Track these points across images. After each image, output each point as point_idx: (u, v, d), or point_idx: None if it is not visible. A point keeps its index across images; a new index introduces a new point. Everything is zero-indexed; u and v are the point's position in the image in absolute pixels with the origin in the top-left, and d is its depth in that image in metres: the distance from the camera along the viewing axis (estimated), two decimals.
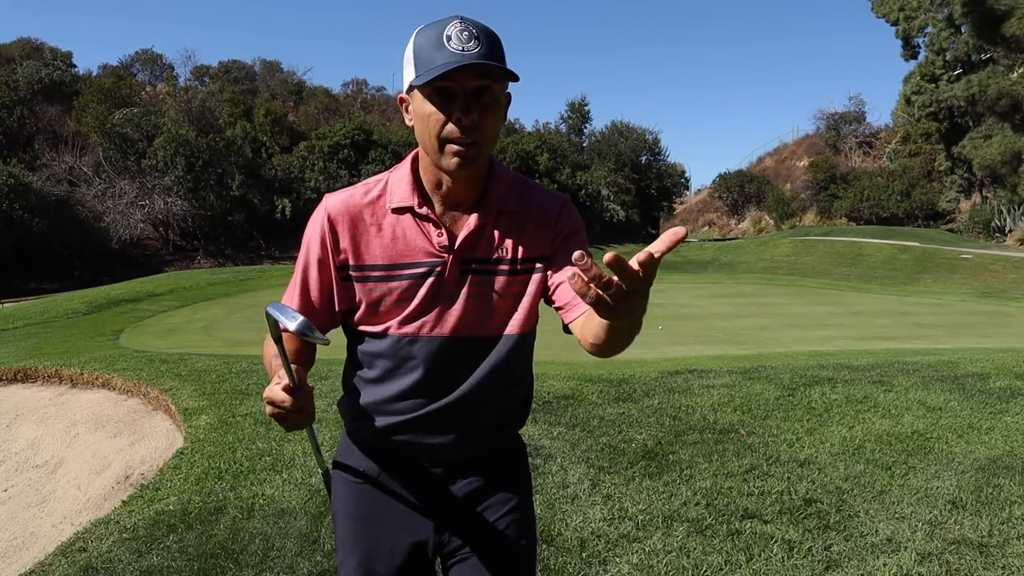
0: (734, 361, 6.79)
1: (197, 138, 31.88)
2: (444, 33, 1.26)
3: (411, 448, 1.46)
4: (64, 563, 3.06)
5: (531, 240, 1.43)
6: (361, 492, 1.50)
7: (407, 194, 1.40)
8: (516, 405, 1.52)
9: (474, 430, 1.45)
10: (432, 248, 1.38)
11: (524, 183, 1.48)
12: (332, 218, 1.41)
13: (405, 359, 1.41)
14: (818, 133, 46.42)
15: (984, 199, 35.48)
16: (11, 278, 25.77)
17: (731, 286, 18.29)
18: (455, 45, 1.25)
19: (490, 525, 1.49)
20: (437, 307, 1.39)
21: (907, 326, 11.02)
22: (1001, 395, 5.29)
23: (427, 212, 1.39)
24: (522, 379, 1.51)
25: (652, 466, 3.87)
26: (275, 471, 3.90)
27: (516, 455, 1.57)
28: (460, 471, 1.48)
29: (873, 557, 2.93)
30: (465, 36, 1.26)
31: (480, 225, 1.39)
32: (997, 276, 20.82)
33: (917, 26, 36.46)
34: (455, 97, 1.27)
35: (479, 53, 1.25)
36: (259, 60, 47.94)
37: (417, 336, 1.40)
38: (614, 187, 37.68)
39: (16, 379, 6.89)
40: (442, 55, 1.25)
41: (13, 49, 39.94)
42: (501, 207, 1.41)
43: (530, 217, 1.44)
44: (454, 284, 1.39)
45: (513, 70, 1.30)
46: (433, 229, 1.39)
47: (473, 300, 1.40)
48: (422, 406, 1.42)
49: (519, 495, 1.53)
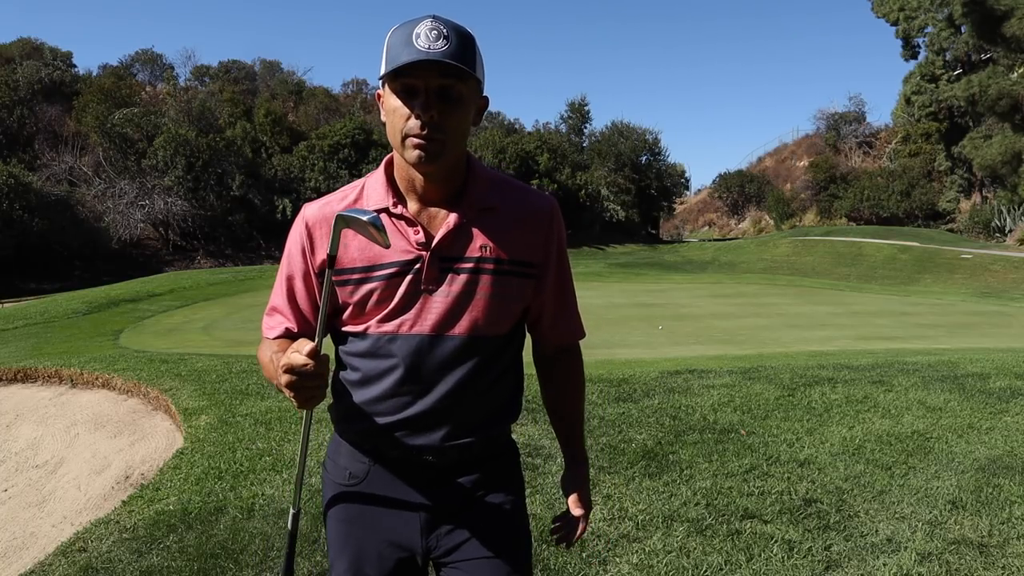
0: (734, 361, 6.78)
1: (197, 138, 31.89)
2: (414, 31, 1.27)
3: (398, 450, 1.45)
4: (64, 563, 3.06)
5: (516, 241, 1.42)
6: (349, 494, 1.50)
7: (382, 196, 1.41)
8: (501, 405, 1.50)
9: (458, 430, 1.44)
10: (409, 246, 1.38)
11: (505, 181, 1.47)
12: (310, 226, 1.43)
13: (384, 357, 1.41)
14: (818, 133, 46.42)
15: (984, 199, 35.47)
16: (11, 278, 25.77)
17: (731, 286, 18.29)
18: (422, 43, 1.26)
19: (483, 529, 1.47)
20: (415, 305, 1.39)
21: (907, 326, 11.02)
22: (1001, 395, 5.29)
23: (402, 211, 1.39)
24: (506, 379, 1.49)
25: (652, 466, 3.87)
26: (275, 471, 3.90)
27: (507, 458, 1.56)
28: (450, 474, 1.46)
29: (873, 557, 2.93)
30: (434, 35, 1.27)
31: (459, 223, 1.38)
32: (997, 276, 20.81)
33: (917, 26, 36.46)
34: (418, 94, 1.29)
35: (443, 52, 1.26)
36: (259, 60, 47.91)
37: (396, 334, 1.39)
38: (614, 187, 37.65)
39: (16, 379, 6.89)
40: (408, 52, 1.26)
41: (13, 49, 39.93)
42: (480, 204, 1.41)
43: (514, 216, 1.43)
44: (432, 282, 1.38)
45: (473, 72, 1.30)
46: (408, 228, 1.39)
47: (453, 298, 1.39)
48: (405, 406, 1.42)
49: (511, 498, 1.52)
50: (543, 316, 1.53)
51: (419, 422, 1.42)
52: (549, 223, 1.46)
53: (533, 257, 1.44)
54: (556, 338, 1.57)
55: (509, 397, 1.52)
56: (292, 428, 4.62)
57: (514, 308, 1.45)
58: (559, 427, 1.64)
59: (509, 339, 1.47)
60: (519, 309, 1.47)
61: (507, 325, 1.45)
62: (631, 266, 26.22)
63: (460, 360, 1.40)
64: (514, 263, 1.42)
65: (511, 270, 1.42)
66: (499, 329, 1.43)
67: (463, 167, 1.41)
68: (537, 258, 1.45)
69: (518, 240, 1.42)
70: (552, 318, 1.54)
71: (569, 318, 1.56)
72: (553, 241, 1.47)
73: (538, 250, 1.45)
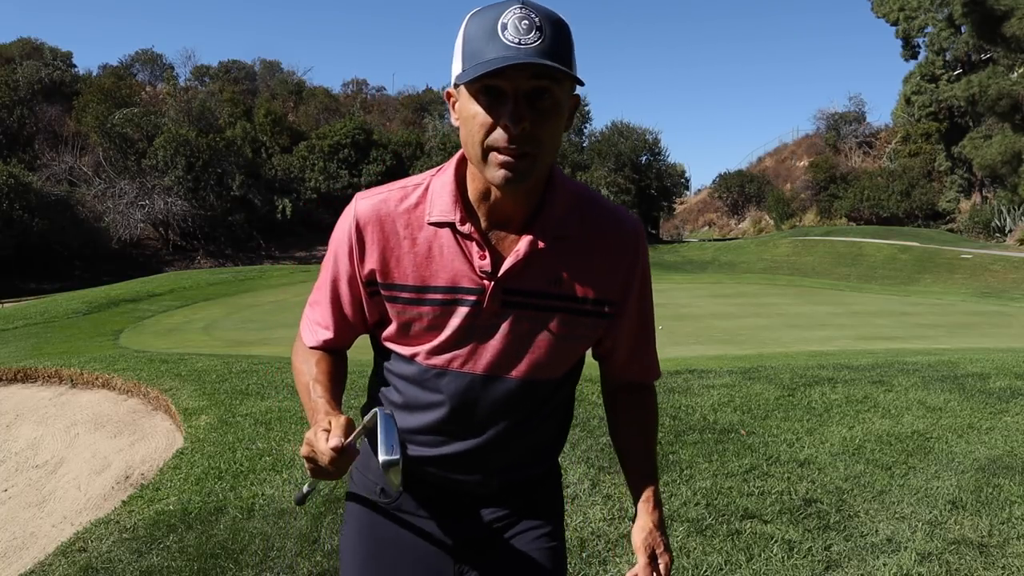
0: (734, 361, 6.78)
1: (197, 138, 31.91)
2: (500, 20, 1.06)
3: (434, 477, 1.34)
4: (64, 563, 3.06)
5: (595, 276, 1.24)
6: (379, 511, 1.38)
7: (448, 207, 1.20)
8: (551, 439, 1.39)
9: (501, 468, 1.33)
10: (472, 272, 1.20)
11: (590, 201, 1.26)
12: (361, 225, 1.23)
13: (430, 391, 1.27)
14: (818, 133, 46.43)
15: (984, 199, 35.49)
16: (11, 278, 25.80)
17: (731, 286, 18.29)
18: (510, 36, 1.05)
19: (518, 556, 1.35)
20: (471, 340, 1.22)
21: (907, 326, 11.02)
22: (1001, 395, 5.29)
23: (470, 230, 1.19)
24: (558, 413, 1.37)
25: None
26: (275, 471, 3.90)
27: (549, 483, 1.43)
28: (488, 502, 1.36)
29: (873, 557, 2.93)
30: (524, 26, 1.05)
31: (531, 251, 1.20)
32: (997, 276, 20.83)
33: (917, 26, 36.47)
34: (506, 99, 1.07)
35: (538, 48, 1.05)
36: (259, 60, 48.01)
37: (446, 370, 1.24)
38: (614, 187, 37.64)
39: (16, 379, 6.88)
40: (494, 47, 1.05)
41: (13, 49, 39.97)
42: (558, 231, 1.21)
43: (596, 246, 1.24)
44: (493, 316, 1.21)
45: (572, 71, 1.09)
46: (476, 250, 1.20)
47: (513, 337, 1.22)
48: (445, 443, 1.29)
49: (550, 524, 1.40)
50: (616, 353, 1.36)
51: (460, 460, 1.30)
52: (635, 254, 1.28)
53: (612, 295, 1.27)
54: (629, 376, 1.42)
55: (558, 430, 1.40)
56: (292, 428, 4.62)
57: (580, 349, 1.30)
58: (628, 467, 1.41)
59: (568, 376, 1.33)
60: (586, 349, 1.33)
61: (569, 366, 1.31)
62: None
63: (511, 405, 1.26)
64: (589, 301, 1.25)
65: (584, 309, 1.25)
66: (559, 372, 1.29)
67: (544, 180, 1.22)
68: (616, 296, 1.27)
69: (597, 274, 1.25)
70: (627, 357, 1.37)
71: (645, 356, 1.39)
72: (636, 275, 1.28)
73: (618, 286, 1.27)
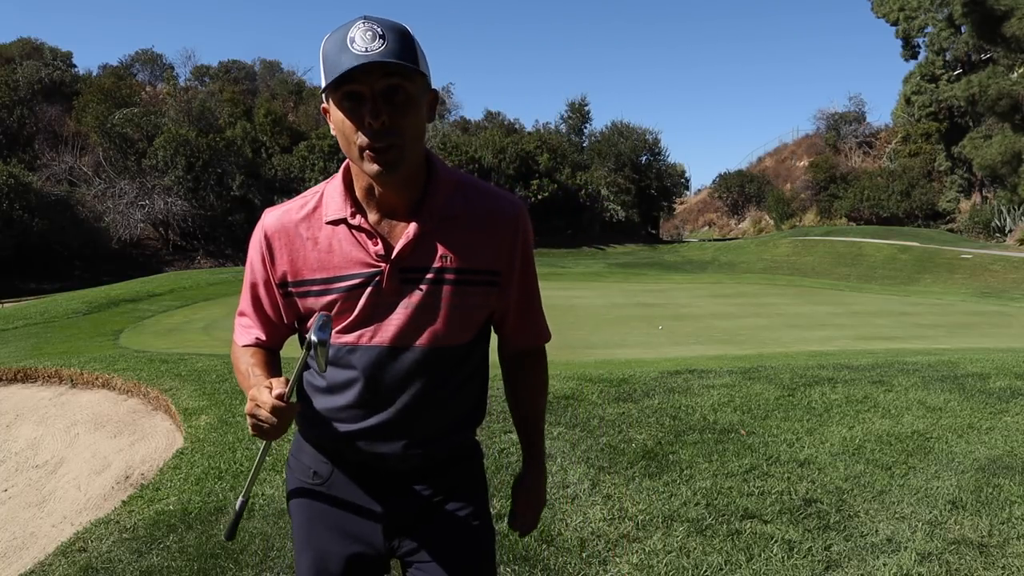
0: (734, 361, 6.78)
1: (197, 138, 31.91)
2: (348, 35, 1.23)
3: (359, 455, 1.45)
4: (64, 563, 3.06)
5: (480, 249, 1.39)
6: (313, 493, 1.50)
7: (340, 205, 1.37)
8: (465, 412, 1.49)
9: (420, 439, 1.43)
10: (368, 258, 1.36)
11: (469, 185, 1.43)
12: (268, 236, 1.41)
13: (345, 368, 1.40)
14: (818, 133, 46.45)
15: (984, 199, 35.49)
16: (11, 278, 25.79)
17: (731, 286, 18.29)
18: (358, 46, 1.21)
19: (445, 532, 1.47)
20: (376, 317, 1.37)
21: (907, 326, 11.03)
22: (1001, 395, 5.29)
23: (360, 222, 1.36)
24: (470, 386, 1.48)
25: (652, 466, 3.87)
26: (275, 471, 3.90)
27: (470, 462, 1.55)
28: (412, 478, 1.46)
29: (873, 557, 2.93)
30: (369, 36, 1.22)
31: (419, 233, 1.35)
32: (997, 276, 20.83)
33: (917, 26, 36.48)
34: (365, 100, 1.24)
35: (382, 52, 1.21)
36: (259, 60, 47.97)
37: (356, 345, 1.38)
38: (614, 187, 37.68)
39: (16, 379, 6.89)
40: (346, 58, 1.21)
41: (13, 49, 39.97)
42: (443, 212, 1.37)
43: (477, 223, 1.39)
44: (393, 294, 1.36)
45: (417, 66, 1.25)
46: (367, 239, 1.36)
47: (412, 310, 1.37)
48: (365, 416, 1.41)
49: (474, 501, 1.52)
50: (507, 320, 1.52)
51: (380, 432, 1.42)
52: (515, 229, 1.43)
53: (497, 265, 1.42)
54: (521, 342, 1.57)
55: (473, 403, 1.51)
56: (292, 428, 4.62)
57: (476, 317, 1.43)
58: (521, 426, 1.64)
59: (472, 346, 1.45)
60: (482, 318, 1.45)
61: (470, 334, 1.43)
62: (631, 266, 26.24)
63: (420, 372, 1.39)
64: (477, 272, 1.39)
65: (474, 279, 1.39)
66: (461, 339, 1.42)
67: (423, 171, 1.38)
68: (501, 266, 1.42)
69: (482, 248, 1.39)
70: (516, 323, 1.53)
71: (534, 322, 1.56)
72: (518, 247, 1.44)
73: (503, 257, 1.42)
